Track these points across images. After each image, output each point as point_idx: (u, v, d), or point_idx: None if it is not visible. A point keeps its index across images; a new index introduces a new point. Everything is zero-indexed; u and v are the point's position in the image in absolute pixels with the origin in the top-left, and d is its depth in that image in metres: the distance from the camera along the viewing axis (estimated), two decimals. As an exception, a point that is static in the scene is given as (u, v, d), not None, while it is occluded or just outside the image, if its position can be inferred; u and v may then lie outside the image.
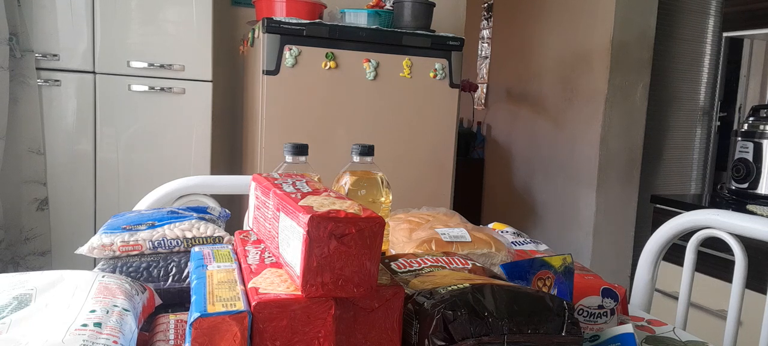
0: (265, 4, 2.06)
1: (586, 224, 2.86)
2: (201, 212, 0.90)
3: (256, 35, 2.03)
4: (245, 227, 0.86)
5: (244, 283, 0.58)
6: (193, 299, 0.55)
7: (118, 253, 0.78)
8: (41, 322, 0.54)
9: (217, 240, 0.82)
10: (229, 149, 2.56)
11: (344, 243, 0.52)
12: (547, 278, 0.74)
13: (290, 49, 1.94)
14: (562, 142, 3.01)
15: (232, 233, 0.81)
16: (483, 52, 3.73)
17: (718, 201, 2.15)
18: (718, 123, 2.92)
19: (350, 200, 0.58)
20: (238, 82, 2.50)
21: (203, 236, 0.82)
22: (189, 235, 0.81)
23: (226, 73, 2.47)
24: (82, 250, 0.78)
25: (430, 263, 0.72)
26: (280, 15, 2.01)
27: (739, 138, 2.10)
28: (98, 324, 0.53)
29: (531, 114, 3.25)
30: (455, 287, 0.59)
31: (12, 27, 1.81)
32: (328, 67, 1.99)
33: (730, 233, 1.09)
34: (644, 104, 2.83)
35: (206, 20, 2.05)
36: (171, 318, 0.66)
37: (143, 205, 1.16)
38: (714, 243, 1.19)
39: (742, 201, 2.07)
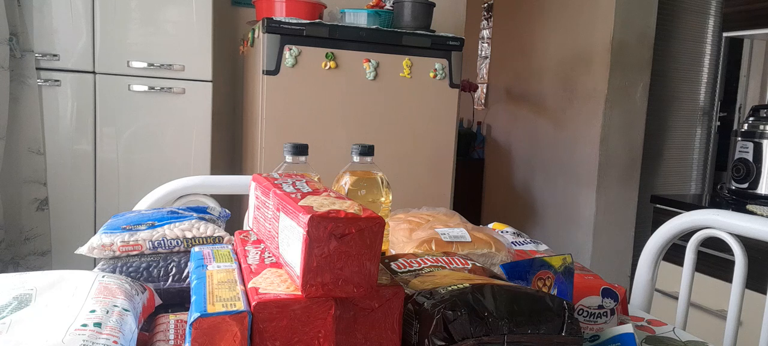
0: (265, 4, 2.06)
1: (586, 224, 2.86)
2: (201, 212, 0.90)
3: (256, 35, 2.03)
4: (245, 227, 0.86)
5: (244, 283, 0.58)
6: (193, 299, 0.56)
7: (118, 253, 0.78)
8: (41, 322, 0.54)
9: (217, 240, 0.82)
10: (229, 149, 2.56)
11: (344, 243, 0.52)
12: (547, 278, 0.74)
13: (290, 49, 1.94)
14: (562, 142, 3.01)
15: (232, 233, 0.81)
16: (483, 52, 3.73)
17: (718, 201, 2.15)
18: (718, 123, 2.92)
19: (350, 200, 0.58)
20: (238, 82, 2.51)
21: (203, 236, 0.82)
22: (189, 235, 0.81)
23: (226, 73, 2.47)
24: (82, 250, 0.78)
25: (430, 263, 0.72)
26: (280, 15, 2.01)
27: (739, 138, 2.10)
28: (98, 324, 0.53)
29: (531, 114, 3.25)
30: (455, 287, 0.59)
31: (12, 27, 1.81)
32: (328, 67, 1.99)
33: (730, 233, 1.09)
34: (644, 104, 2.83)
35: (206, 20, 2.05)
36: (171, 318, 0.66)
37: (143, 205, 1.16)
38: (714, 243, 1.19)
39: (742, 201, 2.07)
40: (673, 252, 1.34)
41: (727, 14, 2.26)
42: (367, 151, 0.83)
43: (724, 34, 2.34)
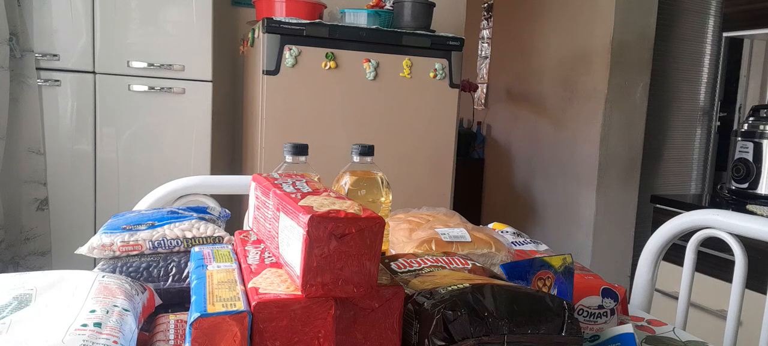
0: (265, 4, 2.06)
1: (586, 224, 2.86)
2: (201, 212, 0.90)
3: (256, 35, 2.03)
4: (245, 227, 0.86)
5: (244, 283, 0.58)
6: (193, 299, 0.56)
7: (118, 253, 0.78)
8: (41, 322, 0.54)
9: (217, 240, 0.82)
10: (229, 149, 2.56)
11: (344, 243, 0.52)
12: (547, 278, 0.74)
13: (290, 49, 1.94)
14: (562, 142, 3.01)
15: (232, 233, 0.81)
16: (483, 52, 3.73)
17: (718, 201, 2.15)
18: (718, 123, 2.92)
19: (350, 200, 0.58)
20: (238, 82, 2.51)
21: (203, 236, 0.82)
22: (189, 235, 0.81)
23: (226, 73, 2.47)
24: (82, 250, 0.78)
25: (430, 263, 0.72)
26: (280, 15, 2.01)
27: (739, 138, 2.10)
28: (98, 324, 0.53)
29: (531, 114, 3.25)
30: (455, 287, 0.59)
31: (12, 27, 1.81)
32: (328, 67, 1.99)
33: (730, 233, 1.09)
34: (644, 104, 2.83)
35: (206, 20, 2.05)
36: (171, 318, 0.66)
37: (143, 205, 1.16)
38: (714, 243, 1.19)
39: (742, 201, 2.07)
40: (673, 252, 1.34)
41: (727, 14, 2.26)
42: (367, 151, 0.83)
43: (724, 34, 2.34)
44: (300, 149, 0.84)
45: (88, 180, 1.99)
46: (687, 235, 1.16)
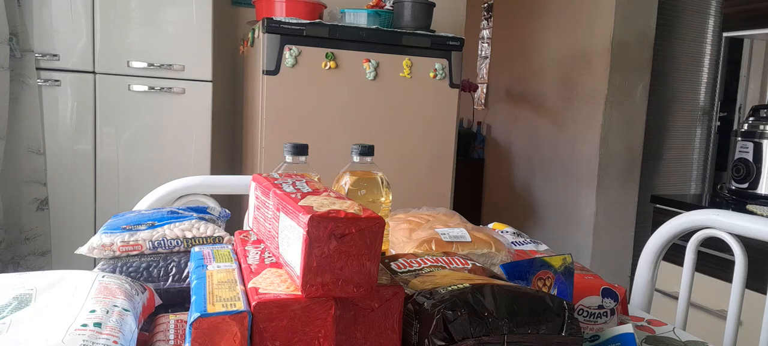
0: (265, 4, 2.06)
1: (586, 224, 2.86)
2: (201, 212, 0.90)
3: (256, 35, 2.03)
4: (245, 227, 0.86)
5: (244, 283, 0.58)
6: (193, 299, 0.56)
7: (118, 253, 0.78)
8: (41, 322, 0.54)
9: (217, 240, 0.82)
10: (229, 149, 2.56)
11: (344, 243, 0.52)
12: (547, 278, 0.74)
13: (290, 49, 1.94)
14: (562, 142, 3.01)
15: (232, 233, 0.81)
16: (483, 52, 3.72)
17: (718, 201, 2.15)
18: (718, 123, 2.92)
19: (350, 200, 0.58)
20: (238, 82, 2.51)
21: (203, 236, 0.82)
22: (189, 235, 0.81)
23: (226, 73, 2.47)
24: (82, 250, 0.78)
25: (430, 263, 0.72)
26: (280, 15, 2.01)
27: (739, 138, 2.10)
28: (98, 324, 0.53)
29: (531, 114, 3.25)
30: (455, 287, 0.59)
31: (12, 27, 1.81)
32: (328, 67, 1.99)
33: (730, 233, 1.09)
34: (644, 104, 2.83)
35: (206, 20, 2.05)
36: (171, 318, 0.66)
37: (143, 205, 1.16)
38: (714, 243, 1.19)
39: (742, 201, 2.07)
40: (673, 252, 1.34)
41: (727, 14, 2.26)
42: (367, 151, 0.83)
43: (724, 34, 2.34)
44: (300, 149, 0.84)
45: (88, 180, 1.99)
46: (687, 235, 1.16)
